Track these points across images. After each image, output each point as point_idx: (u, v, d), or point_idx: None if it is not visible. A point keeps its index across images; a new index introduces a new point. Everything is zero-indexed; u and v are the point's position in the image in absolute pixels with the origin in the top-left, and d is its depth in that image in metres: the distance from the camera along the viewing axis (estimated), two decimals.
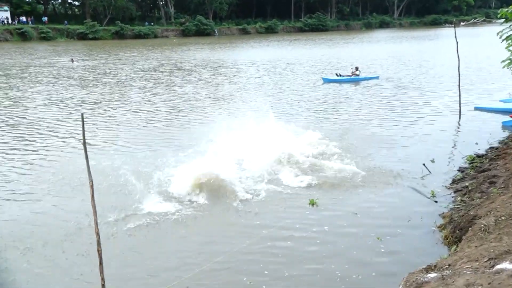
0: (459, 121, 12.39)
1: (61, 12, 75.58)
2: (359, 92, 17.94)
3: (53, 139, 11.34)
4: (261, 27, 76.21)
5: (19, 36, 54.39)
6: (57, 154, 10.06)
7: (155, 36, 64.17)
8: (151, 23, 69.37)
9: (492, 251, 4.02)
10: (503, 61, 9.72)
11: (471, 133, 11.12)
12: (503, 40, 9.17)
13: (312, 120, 13.07)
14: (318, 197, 7.29)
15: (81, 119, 4.07)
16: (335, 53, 36.64)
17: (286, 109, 14.89)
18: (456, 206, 6.63)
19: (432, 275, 3.79)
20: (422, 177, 8.18)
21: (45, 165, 9.32)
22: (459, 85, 12.73)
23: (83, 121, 4.07)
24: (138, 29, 63.58)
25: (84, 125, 4.10)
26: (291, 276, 5.22)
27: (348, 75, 21.09)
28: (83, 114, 4.16)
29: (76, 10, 78.25)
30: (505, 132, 11.08)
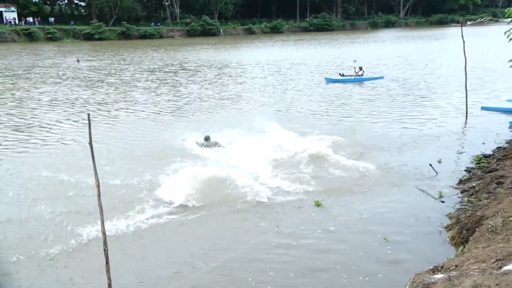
0: (465, 121, 12.31)
1: (68, 12, 76.03)
2: (363, 92, 17.86)
3: (59, 139, 11.40)
4: (266, 27, 76.20)
5: (26, 36, 54.80)
6: (62, 154, 10.10)
7: (160, 36, 64.36)
8: (157, 24, 69.59)
9: (499, 252, 3.99)
10: (510, 61, 9.64)
11: (478, 133, 11.05)
12: (510, 39, 9.08)
13: (316, 121, 13.05)
14: (323, 198, 7.27)
15: (87, 120, 4.08)
16: (341, 53, 36.56)
17: (289, 109, 14.87)
18: (463, 206, 6.59)
19: (439, 276, 3.77)
20: (428, 178, 8.14)
21: (50, 165, 9.33)
22: (466, 85, 12.64)
23: (90, 121, 4.09)
24: (143, 30, 63.80)
25: (90, 125, 4.12)
26: (297, 276, 5.21)
27: (351, 75, 20.98)
28: (89, 114, 4.18)
29: (82, 10, 78.67)
30: None
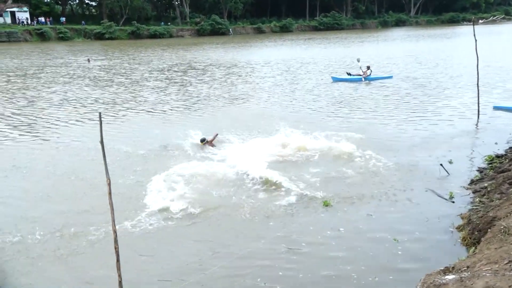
0: (477, 121, 12.16)
1: (79, 12, 76.82)
2: (372, 92, 17.73)
3: (69, 138, 11.48)
4: (275, 26, 76.15)
5: (38, 36, 55.48)
6: (73, 153, 10.19)
7: (170, 35, 64.68)
8: (167, 23, 69.93)
9: None
10: None
11: (490, 133, 10.91)
12: None
13: (324, 121, 12.99)
14: (332, 198, 7.24)
15: (99, 119, 4.11)
16: (350, 52, 36.36)
17: (298, 109, 14.83)
18: (474, 207, 6.52)
19: (450, 277, 3.73)
20: (439, 178, 8.06)
21: (61, 163, 9.44)
22: (478, 84, 12.49)
23: (101, 120, 4.12)
24: (153, 29, 64.18)
25: (101, 124, 4.15)
26: (306, 277, 5.20)
27: (359, 75, 20.82)
28: (100, 113, 4.20)
29: (93, 10, 79.42)
30: None
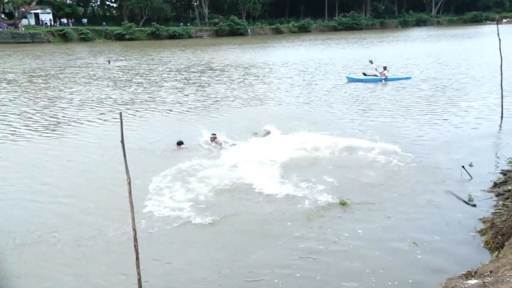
0: (501, 123, 11.86)
1: (100, 14, 78.13)
2: (391, 93, 17.46)
3: (88, 138, 11.66)
4: (294, 26, 75.89)
5: (61, 37, 56.66)
6: (92, 152, 10.34)
7: (189, 36, 65.16)
8: (187, 24, 70.48)
9: None
10: None
11: None
12: None
13: (343, 121, 12.88)
14: (350, 199, 7.17)
15: (119, 118, 4.17)
16: (369, 52, 35.96)
17: (315, 109, 14.75)
18: (497, 210, 6.36)
19: (472, 281, 3.65)
20: (461, 180, 7.90)
21: (81, 162, 9.59)
22: (502, 85, 12.20)
23: (122, 120, 4.17)
24: (172, 30, 64.77)
25: (122, 124, 4.20)
26: (323, 280, 5.15)
27: (375, 75, 20.56)
28: (121, 113, 4.26)
29: (114, 11, 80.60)
30: None
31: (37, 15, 60.86)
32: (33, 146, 11.04)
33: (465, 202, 7.00)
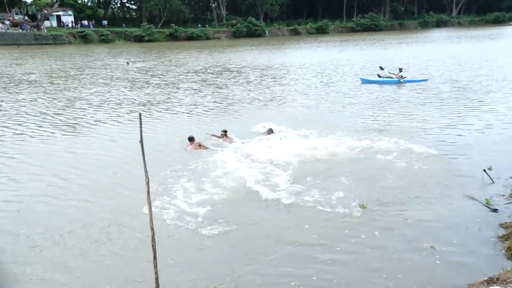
0: None
1: (120, 15, 79.40)
2: (410, 95, 17.16)
3: (106, 138, 11.80)
4: (311, 27, 75.61)
5: (81, 38, 57.75)
6: (110, 152, 10.45)
7: (207, 37, 65.59)
8: (205, 25, 70.95)
9: None
10: None
11: None
12: None
13: (360, 123, 12.74)
14: (368, 201, 7.10)
15: (138, 119, 4.22)
16: (387, 54, 35.59)
17: (332, 112, 14.65)
18: None
19: None
20: (481, 185, 7.74)
21: (98, 163, 9.69)
22: None
23: (141, 120, 4.22)
24: (190, 31, 65.30)
25: (141, 124, 4.24)
26: (340, 283, 5.11)
27: (389, 77, 20.32)
28: (140, 113, 4.31)
29: (133, 13, 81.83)
30: None
31: (59, 17, 62.20)
32: (51, 146, 11.20)
33: (486, 206, 6.85)
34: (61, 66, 31.38)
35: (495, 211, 6.69)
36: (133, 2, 78.59)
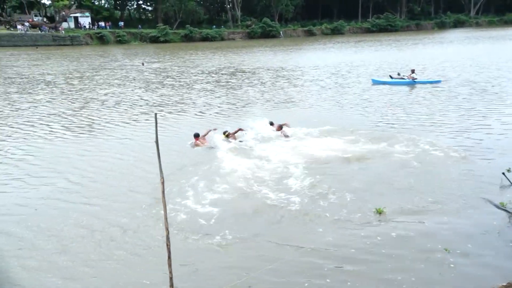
0: None
1: (136, 17, 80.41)
2: (427, 96, 16.88)
3: (120, 138, 11.92)
4: (326, 28, 75.27)
5: (98, 40, 58.59)
6: (124, 153, 10.53)
7: (221, 38, 65.86)
8: (220, 26, 71.26)
9: None
10: None
11: None
12: None
13: (375, 125, 12.61)
14: (384, 204, 7.02)
15: (154, 120, 4.25)
16: (403, 55, 35.19)
17: (346, 114, 14.52)
18: None
19: None
20: (500, 188, 7.59)
21: (113, 163, 9.78)
22: None
23: (156, 121, 4.25)
24: (205, 32, 65.67)
25: (157, 125, 4.27)
26: (354, 286, 5.07)
27: (401, 78, 20.09)
28: (156, 114, 4.35)
29: (149, 15, 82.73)
30: None
31: (76, 19, 63.30)
32: (67, 146, 11.35)
33: (505, 210, 6.71)
34: (77, 66, 31.85)
35: None
36: (149, 3, 79.45)
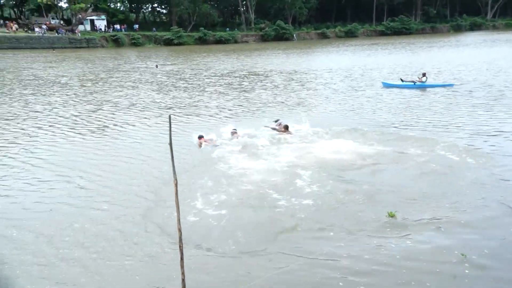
0: None
1: (151, 20, 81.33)
2: (442, 100, 16.60)
3: (133, 141, 11.94)
4: (340, 31, 75.05)
5: (113, 42, 59.42)
6: (136, 155, 10.56)
7: (235, 41, 66.16)
8: (234, 29, 71.60)
9: None
10: None
11: None
12: None
13: (388, 129, 12.46)
14: (398, 208, 6.92)
15: (168, 122, 4.26)
16: (417, 58, 34.83)
17: (358, 117, 14.36)
18: None
19: None
20: None
21: (125, 165, 9.80)
22: None
23: (170, 123, 4.25)
24: (219, 35, 66.09)
25: (171, 126, 4.27)
26: None
27: (412, 81, 19.90)
28: (170, 116, 4.36)
29: (163, 17, 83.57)
30: None
31: (92, 22, 64.32)
32: (79, 148, 11.39)
33: None
34: (92, 69, 32.26)
35: None
36: (163, 6, 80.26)
